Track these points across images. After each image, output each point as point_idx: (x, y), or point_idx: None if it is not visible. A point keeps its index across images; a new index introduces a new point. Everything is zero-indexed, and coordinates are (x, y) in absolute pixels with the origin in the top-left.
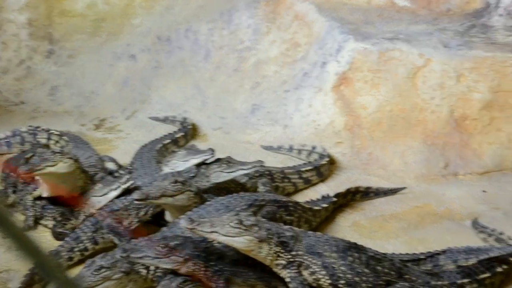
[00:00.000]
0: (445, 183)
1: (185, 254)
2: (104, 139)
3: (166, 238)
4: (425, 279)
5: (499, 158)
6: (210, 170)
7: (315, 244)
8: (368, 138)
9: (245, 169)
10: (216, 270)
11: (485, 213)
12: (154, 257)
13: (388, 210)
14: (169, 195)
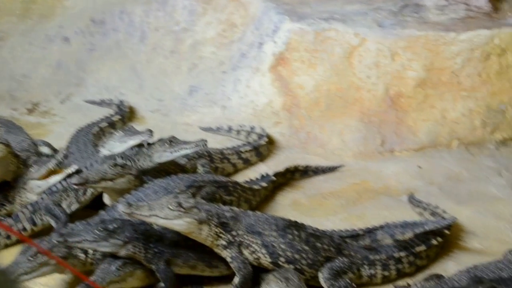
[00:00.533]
0: (382, 160)
1: (124, 237)
2: (38, 123)
3: (104, 222)
4: (364, 254)
5: (433, 135)
6: (153, 149)
7: (255, 224)
8: (306, 118)
9: (188, 148)
10: (156, 252)
11: (420, 188)
12: (92, 240)
13: (326, 188)
14: (109, 178)
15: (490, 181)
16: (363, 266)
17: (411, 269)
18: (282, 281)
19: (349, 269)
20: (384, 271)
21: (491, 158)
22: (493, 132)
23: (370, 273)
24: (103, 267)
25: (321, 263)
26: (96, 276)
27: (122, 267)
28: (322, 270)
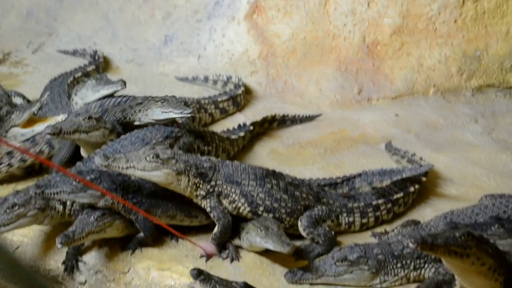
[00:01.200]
0: (359, 108)
1: (102, 188)
2: (10, 73)
3: (81, 172)
4: (342, 202)
5: (410, 82)
6: (150, 105)
7: (233, 173)
8: (283, 67)
9: (177, 113)
10: (135, 202)
11: (398, 136)
12: (70, 192)
13: (304, 137)
14: (83, 131)
15: (466, 128)
16: (342, 214)
17: (389, 216)
18: (261, 229)
19: (328, 217)
20: (363, 218)
21: (467, 105)
22: (469, 79)
23: (349, 220)
24: (81, 218)
25: (300, 212)
26: (74, 227)
27: (101, 217)
28: (301, 218)
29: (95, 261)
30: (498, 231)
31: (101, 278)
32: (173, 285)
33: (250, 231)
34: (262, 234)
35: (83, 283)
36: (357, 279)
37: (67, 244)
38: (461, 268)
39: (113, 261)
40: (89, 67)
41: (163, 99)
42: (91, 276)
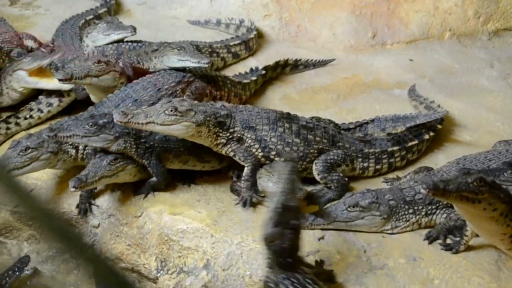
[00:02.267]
0: (373, 53)
1: (114, 131)
2: (21, 15)
3: (94, 116)
4: (359, 147)
5: (425, 26)
6: (165, 52)
7: (248, 119)
8: (296, 10)
9: (192, 62)
10: (147, 147)
11: (411, 82)
12: (83, 135)
13: (317, 82)
14: (94, 75)
15: (481, 73)
16: (357, 158)
17: (402, 163)
18: (272, 174)
19: (343, 162)
20: (377, 164)
21: (483, 49)
22: (486, 23)
23: (363, 166)
24: (94, 162)
25: (313, 155)
26: (87, 171)
27: (114, 162)
28: (316, 163)
29: (108, 205)
30: (511, 176)
31: (114, 221)
32: (185, 229)
33: (262, 176)
34: (273, 179)
35: (97, 226)
36: (369, 225)
37: (80, 188)
38: (473, 213)
39: (125, 205)
40: (101, 9)
41: (179, 47)
42: (104, 219)
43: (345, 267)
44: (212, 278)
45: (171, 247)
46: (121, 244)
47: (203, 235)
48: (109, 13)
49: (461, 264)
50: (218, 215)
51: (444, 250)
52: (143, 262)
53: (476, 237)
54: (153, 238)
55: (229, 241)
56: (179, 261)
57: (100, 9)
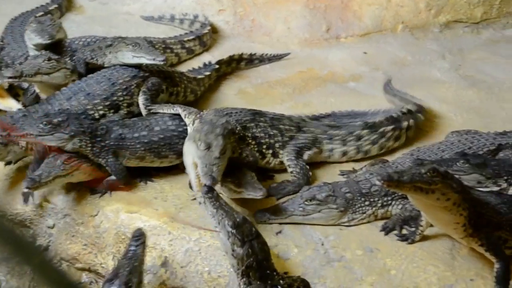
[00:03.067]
0: (327, 46)
1: (70, 130)
2: None
3: (49, 115)
4: (324, 129)
5: (378, 19)
6: (120, 48)
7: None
8: (250, 5)
9: (149, 59)
10: (103, 145)
11: (366, 74)
12: (38, 135)
13: (273, 77)
14: (45, 72)
15: (434, 64)
16: (323, 140)
17: (374, 147)
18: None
19: (312, 144)
20: (343, 146)
21: (435, 41)
22: (437, 15)
23: (329, 147)
24: (48, 161)
25: (287, 143)
26: (41, 171)
27: (68, 161)
28: (286, 147)
29: (63, 205)
30: (463, 166)
31: (70, 221)
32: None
33: (226, 181)
34: (236, 183)
35: (52, 226)
36: (326, 218)
37: (34, 188)
38: (427, 204)
39: (81, 205)
40: (51, 6)
41: (134, 43)
42: (59, 219)
43: (303, 260)
44: (171, 276)
45: None
46: (77, 244)
47: (160, 232)
48: (60, 9)
49: (416, 254)
50: (175, 212)
51: (400, 240)
52: (100, 261)
53: (431, 227)
54: (110, 237)
55: (187, 238)
56: None
57: (51, 5)
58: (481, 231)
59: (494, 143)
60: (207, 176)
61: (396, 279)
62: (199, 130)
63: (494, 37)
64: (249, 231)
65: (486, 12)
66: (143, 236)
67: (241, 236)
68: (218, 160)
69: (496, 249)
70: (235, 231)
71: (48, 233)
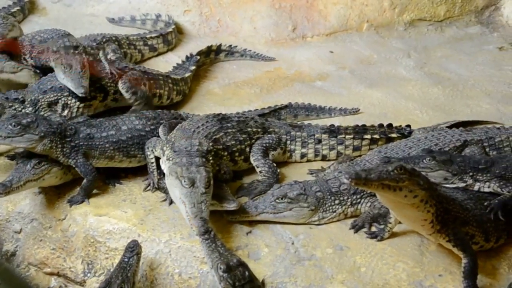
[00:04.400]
0: (294, 46)
1: (39, 131)
2: None
3: (17, 116)
4: (287, 129)
5: (344, 18)
6: (57, 62)
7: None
8: (216, 5)
9: (72, 86)
10: (73, 146)
11: (333, 73)
12: (6, 136)
13: (240, 77)
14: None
15: (399, 62)
16: (287, 141)
17: (331, 153)
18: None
19: (277, 145)
20: (303, 148)
21: (400, 39)
22: (402, 13)
23: (291, 148)
24: (18, 167)
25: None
26: (11, 176)
27: (38, 165)
28: (253, 148)
29: (30, 209)
30: (430, 163)
31: (37, 225)
32: (111, 230)
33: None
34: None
35: (19, 231)
36: (296, 216)
37: (5, 193)
38: (395, 201)
39: (49, 209)
40: (14, 7)
41: (67, 65)
42: (26, 224)
43: (273, 259)
44: (141, 278)
45: (98, 248)
46: (45, 249)
47: (130, 235)
48: (23, 11)
49: (386, 251)
50: (144, 214)
51: (369, 238)
52: (69, 265)
53: (399, 224)
54: (78, 240)
55: (156, 240)
56: (106, 262)
57: (13, 7)
58: (448, 227)
59: (460, 140)
60: (197, 219)
61: (366, 277)
62: (178, 163)
63: (458, 35)
64: (241, 275)
65: (449, 10)
66: (137, 247)
67: (233, 281)
68: (205, 196)
69: (463, 245)
70: (227, 275)
71: (15, 238)
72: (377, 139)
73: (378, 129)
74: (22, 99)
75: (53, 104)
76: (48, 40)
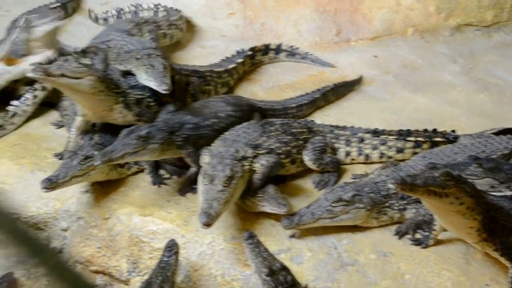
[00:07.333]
0: (338, 50)
1: (158, 139)
2: None
3: (132, 131)
4: (330, 128)
5: (388, 22)
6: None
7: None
8: (260, 8)
9: (155, 85)
10: (185, 137)
11: (377, 78)
12: (133, 151)
13: (284, 80)
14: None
15: (445, 68)
16: (331, 140)
17: (373, 152)
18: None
19: (327, 145)
20: (347, 146)
21: (445, 45)
22: (448, 18)
23: (335, 147)
24: (65, 162)
25: (302, 146)
26: (58, 171)
27: (84, 161)
28: (306, 153)
29: (77, 208)
30: (476, 170)
31: (83, 224)
32: (155, 230)
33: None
34: (259, 198)
35: (65, 229)
36: (354, 218)
37: (51, 189)
38: (440, 208)
39: (94, 207)
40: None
41: (149, 65)
42: (73, 222)
43: (316, 264)
44: (184, 279)
45: (142, 248)
46: (91, 247)
47: (173, 235)
48: (65, 9)
49: (430, 258)
50: (188, 215)
51: (413, 245)
52: (114, 264)
53: (444, 231)
54: (123, 240)
55: (200, 241)
56: (150, 262)
57: (54, 4)
58: (495, 235)
59: (508, 147)
60: (202, 215)
61: (410, 284)
62: (209, 163)
63: (505, 40)
64: (284, 279)
65: (497, 16)
66: (175, 247)
67: (275, 285)
68: (222, 194)
69: (511, 254)
70: (270, 279)
71: (62, 236)
72: (421, 142)
73: (423, 133)
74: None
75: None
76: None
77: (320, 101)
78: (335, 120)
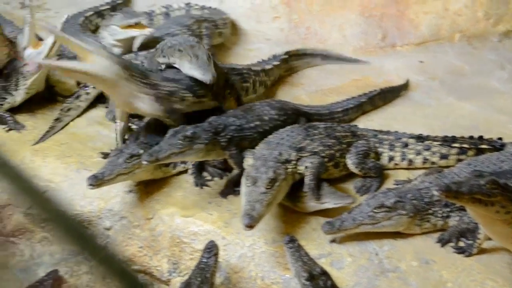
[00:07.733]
0: (383, 55)
1: (203, 139)
2: None
3: (178, 131)
4: (373, 133)
5: (435, 28)
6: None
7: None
8: (305, 12)
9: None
10: (229, 138)
11: (422, 83)
12: (179, 152)
13: (327, 84)
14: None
15: (492, 74)
16: (375, 144)
17: (417, 158)
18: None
19: (370, 150)
20: (391, 151)
21: (493, 51)
22: (496, 24)
23: (379, 151)
24: (111, 159)
25: (345, 150)
26: (104, 169)
27: (130, 159)
28: (349, 157)
29: (120, 207)
30: None
31: (126, 223)
32: (197, 231)
33: (303, 197)
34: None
35: (108, 228)
36: (396, 225)
37: (97, 185)
38: (485, 216)
39: (137, 207)
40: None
41: (193, 55)
42: (116, 221)
43: (357, 269)
44: (224, 281)
45: (183, 249)
46: (133, 246)
47: (214, 237)
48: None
49: (473, 267)
50: (229, 217)
51: (456, 253)
52: (155, 264)
53: (488, 240)
54: (164, 240)
55: (240, 243)
56: (191, 263)
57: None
58: None
59: None
60: (245, 217)
61: None
62: (252, 165)
63: None
64: (324, 284)
65: None
66: (215, 248)
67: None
68: (264, 196)
69: None
70: (309, 283)
71: (105, 235)
72: (466, 149)
73: (468, 140)
74: None
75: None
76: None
77: (366, 105)
78: (378, 125)
